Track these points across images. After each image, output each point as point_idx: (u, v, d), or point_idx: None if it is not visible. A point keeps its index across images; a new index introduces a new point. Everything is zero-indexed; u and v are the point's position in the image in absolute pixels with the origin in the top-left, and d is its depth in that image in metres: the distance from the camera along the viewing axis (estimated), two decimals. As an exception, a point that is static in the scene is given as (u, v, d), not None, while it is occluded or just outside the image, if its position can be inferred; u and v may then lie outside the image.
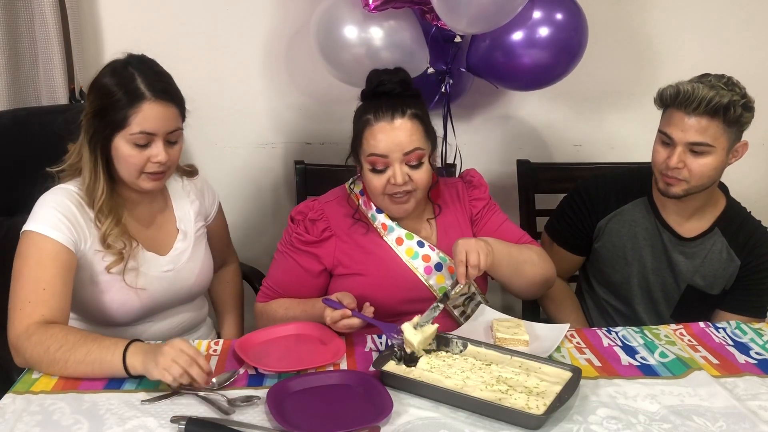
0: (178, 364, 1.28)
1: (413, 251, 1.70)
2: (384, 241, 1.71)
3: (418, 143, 1.60)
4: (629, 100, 2.46)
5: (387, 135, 1.59)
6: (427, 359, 1.43)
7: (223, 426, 1.20)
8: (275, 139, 2.44)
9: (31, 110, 2.08)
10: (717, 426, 1.26)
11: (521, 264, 1.69)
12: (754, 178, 2.57)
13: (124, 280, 1.56)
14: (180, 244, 1.68)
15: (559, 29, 2.02)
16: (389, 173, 1.60)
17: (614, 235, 1.90)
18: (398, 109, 1.60)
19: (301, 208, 1.73)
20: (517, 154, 2.40)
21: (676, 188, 1.73)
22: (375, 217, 1.72)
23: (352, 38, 1.97)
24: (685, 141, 1.68)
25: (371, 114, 1.61)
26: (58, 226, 1.47)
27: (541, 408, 1.26)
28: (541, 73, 2.09)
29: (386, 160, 1.60)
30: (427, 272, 1.70)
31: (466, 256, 1.52)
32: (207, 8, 2.28)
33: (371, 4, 1.89)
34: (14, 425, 1.22)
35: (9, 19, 2.05)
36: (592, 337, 1.61)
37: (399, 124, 1.59)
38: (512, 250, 1.68)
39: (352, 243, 1.70)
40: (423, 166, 1.62)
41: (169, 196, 1.72)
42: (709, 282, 1.86)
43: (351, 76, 2.02)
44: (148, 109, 1.47)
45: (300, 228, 1.70)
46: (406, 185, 1.61)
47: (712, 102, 1.63)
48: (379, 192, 1.63)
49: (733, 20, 2.45)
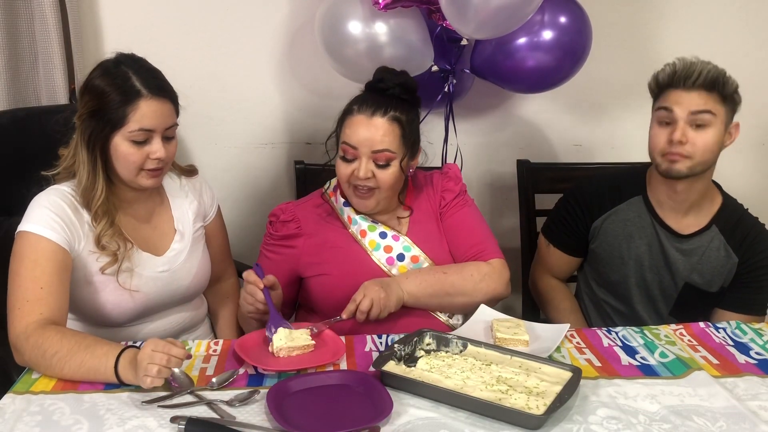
0: (154, 363, 1.28)
1: (375, 243, 1.73)
2: (349, 233, 1.74)
3: (389, 145, 1.63)
4: (629, 100, 2.46)
5: (362, 128, 1.63)
6: (426, 359, 1.43)
7: (223, 426, 1.20)
8: (275, 139, 2.44)
9: (31, 110, 2.08)
10: (717, 426, 1.26)
11: (448, 298, 1.70)
12: (754, 178, 2.58)
13: (117, 281, 1.56)
14: (177, 244, 1.68)
15: (563, 32, 2.02)
16: (355, 165, 1.64)
17: (610, 235, 1.90)
18: (381, 108, 1.64)
19: (275, 210, 1.79)
20: (517, 154, 2.40)
21: (680, 165, 1.72)
22: (342, 210, 1.76)
23: (356, 34, 1.97)
24: (688, 111, 1.70)
25: (356, 104, 1.67)
26: (53, 226, 1.47)
27: (541, 408, 1.26)
28: (544, 76, 2.10)
29: (355, 152, 1.64)
30: (389, 263, 1.72)
31: (362, 299, 1.57)
32: (207, 8, 2.28)
33: (381, 3, 1.89)
34: (14, 425, 1.22)
35: (9, 19, 2.05)
36: (592, 337, 1.61)
37: (376, 122, 1.63)
38: (438, 287, 1.68)
39: (319, 238, 1.74)
40: (390, 168, 1.65)
41: (166, 195, 1.71)
42: (707, 279, 1.86)
43: (354, 72, 2.02)
44: (145, 106, 1.48)
45: (274, 228, 1.77)
46: (368, 181, 1.65)
47: (710, 73, 1.68)
48: (344, 180, 1.68)
49: (733, 20, 2.45)
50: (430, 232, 1.78)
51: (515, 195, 2.31)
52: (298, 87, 2.39)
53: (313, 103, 2.41)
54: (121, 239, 1.56)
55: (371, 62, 1.86)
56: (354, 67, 2.03)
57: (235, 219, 2.21)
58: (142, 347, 1.32)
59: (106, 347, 1.36)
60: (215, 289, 1.89)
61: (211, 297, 1.89)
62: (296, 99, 2.41)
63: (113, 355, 1.33)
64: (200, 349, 1.52)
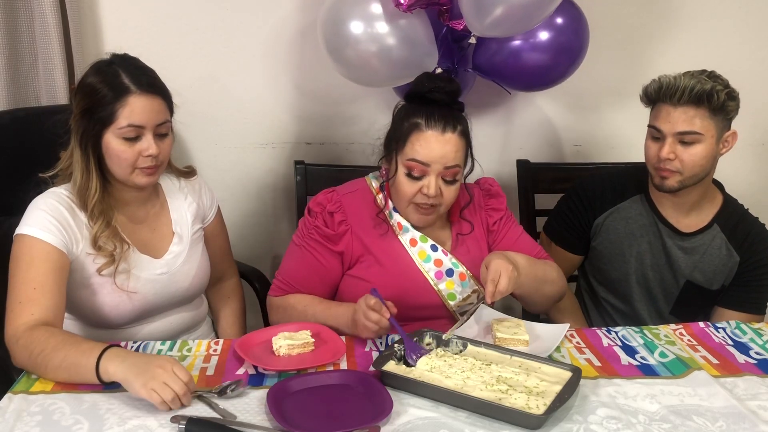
0: (171, 389, 1.24)
1: (426, 254, 1.69)
2: (398, 240, 1.69)
3: (459, 161, 1.60)
4: (629, 100, 2.44)
5: (434, 145, 1.57)
6: (427, 359, 1.43)
7: (223, 426, 1.20)
8: (275, 139, 2.44)
9: (31, 110, 2.08)
10: (717, 426, 1.26)
11: (542, 284, 1.69)
12: (754, 178, 2.58)
13: (114, 282, 1.55)
14: (175, 247, 1.67)
15: (559, 33, 2.03)
16: (423, 182, 1.59)
17: (612, 233, 1.91)
18: (450, 123, 1.58)
19: (319, 199, 1.70)
20: (517, 154, 2.40)
21: (670, 181, 1.75)
22: (392, 215, 1.70)
23: (359, 34, 1.92)
24: (673, 132, 1.70)
25: (422, 119, 1.58)
26: (50, 229, 1.47)
27: (541, 408, 1.26)
28: (542, 74, 2.11)
29: (425, 169, 1.58)
30: (438, 277, 1.68)
31: (498, 278, 1.49)
32: (207, 8, 2.27)
33: (404, 3, 1.85)
34: (14, 425, 1.22)
35: (9, 19, 2.05)
36: (592, 337, 1.61)
37: (448, 138, 1.58)
38: (537, 270, 1.66)
39: (367, 239, 1.68)
40: (456, 184, 1.62)
41: (164, 197, 1.71)
42: (708, 278, 1.86)
43: (358, 73, 2.01)
44: (135, 101, 1.48)
45: (318, 221, 1.67)
46: (435, 198, 1.60)
47: (694, 90, 1.66)
48: (408, 198, 1.62)
49: (733, 20, 2.45)
50: (475, 250, 1.73)
51: (515, 195, 2.31)
52: (298, 87, 2.39)
53: (314, 103, 2.40)
54: (118, 240, 1.55)
55: (381, 63, 1.82)
56: (359, 69, 1.99)
57: (235, 219, 2.21)
58: (162, 362, 1.27)
59: (91, 343, 1.34)
60: (216, 288, 1.88)
61: (212, 297, 1.89)
62: (296, 99, 2.41)
63: (98, 349, 1.31)
64: (200, 348, 1.52)
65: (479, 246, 1.75)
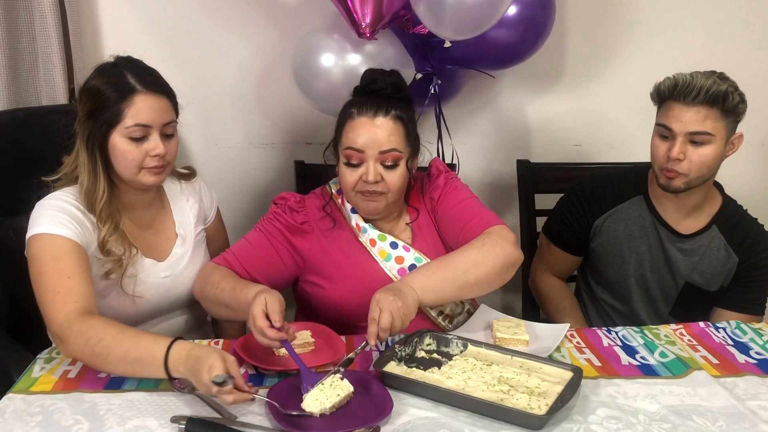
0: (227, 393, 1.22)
1: (386, 253, 1.68)
2: (359, 242, 1.69)
3: (396, 144, 1.59)
4: (629, 100, 2.46)
5: (366, 130, 1.59)
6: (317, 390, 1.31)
7: (223, 426, 1.20)
8: (275, 139, 2.44)
9: (31, 110, 2.08)
10: (717, 426, 1.26)
11: (463, 276, 1.54)
12: (754, 178, 2.58)
13: (121, 286, 1.55)
14: (178, 249, 1.67)
15: (525, 6, 2.00)
16: (363, 169, 1.60)
17: (611, 234, 1.91)
18: (382, 108, 1.59)
19: (284, 194, 1.72)
20: (517, 154, 2.40)
21: (677, 181, 1.74)
22: (350, 217, 1.71)
23: (329, 66, 1.93)
24: (685, 131, 1.69)
25: (355, 108, 1.61)
26: (64, 224, 1.46)
27: (543, 408, 1.26)
28: (509, 51, 2.07)
29: (362, 156, 1.59)
30: (402, 274, 1.65)
31: (379, 315, 1.40)
32: (207, 8, 2.27)
33: (367, 32, 1.84)
34: (14, 425, 1.22)
35: (9, 19, 2.05)
36: (592, 337, 1.61)
37: (380, 122, 1.59)
38: (445, 273, 1.53)
39: (328, 241, 1.68)
40: (398, 169, 1.61)
41: (167, 199, 1.71)
42: (708, 279, 1.86)
43: (332, 104, 1.91)
44: (141, 101, 1.48)
45: (280, 210, 1.68)
46: (377, 185, 1.60)
47: (710, 90, 1.65)
48: (351, 188, 1.62)
49: (733, 20, 2.45)
50: (434, 238, 1.73)
51: (515, 195, 2.31)
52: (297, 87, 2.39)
53: (313, 103, 2.41)
54: (126, 244, 1.55)
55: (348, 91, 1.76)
56: (330, 99, 1.94)
57: (235, 219, 2.21)
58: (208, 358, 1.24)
59: (151, 339, 1.33)
60: None
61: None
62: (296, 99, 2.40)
63: (161, 348, 1.29)
64: (200, 349, 1.52)
65: (431, 231, 1.74)
